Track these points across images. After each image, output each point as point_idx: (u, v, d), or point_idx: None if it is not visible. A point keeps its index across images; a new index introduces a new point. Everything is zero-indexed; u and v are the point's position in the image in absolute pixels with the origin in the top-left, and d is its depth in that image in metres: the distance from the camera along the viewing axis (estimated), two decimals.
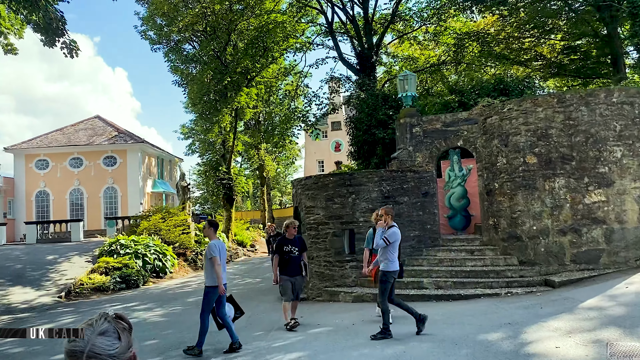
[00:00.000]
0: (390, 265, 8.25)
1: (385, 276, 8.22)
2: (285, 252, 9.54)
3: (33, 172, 35.83)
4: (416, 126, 12.97)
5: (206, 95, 23.71)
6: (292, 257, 9.53)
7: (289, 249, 9.55)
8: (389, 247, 8.25)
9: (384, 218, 8.44)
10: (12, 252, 23.31)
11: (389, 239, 8.23)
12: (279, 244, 9.64)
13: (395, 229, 8.38)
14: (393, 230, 8.33)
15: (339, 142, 41.77)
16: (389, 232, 8.30)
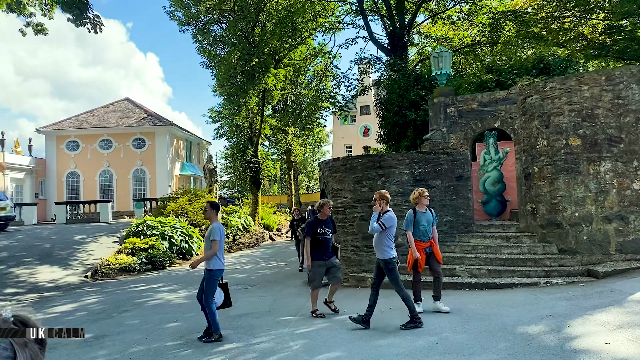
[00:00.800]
0: (389, 252, 7.88)
1: (390, 263, 7.83)
2: (319, 234, 8.92)
3: (64, 153, 36.26)
4: (451, 106, 12.32)
5: (233, 76, 23.34)
6: (326, 240, 8.97)
7: (322, 230, 8.94)
8: (386, 233, 7.83)
9: (378, 203, 7.98)
10: (42, 231, 23.58)
11: (385, 223, 7.79)
12: (313, 226, 8.98)
13: (391, 213, 7.89)
14: (389, 214, 7.85)
15: (368, 127, 41.05)
16: (385, 217, 7.84)
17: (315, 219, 9.07)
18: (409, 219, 8.56)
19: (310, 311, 9.02)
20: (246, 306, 10.61)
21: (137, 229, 20.59)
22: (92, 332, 9.05)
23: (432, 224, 8.71)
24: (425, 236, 8.60)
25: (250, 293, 12.35)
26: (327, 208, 8.98)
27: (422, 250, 8.60)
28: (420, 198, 8.57)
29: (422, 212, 8.59)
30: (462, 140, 12.27)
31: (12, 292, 14.32)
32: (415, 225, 8.52)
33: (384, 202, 7.94)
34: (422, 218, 8.55)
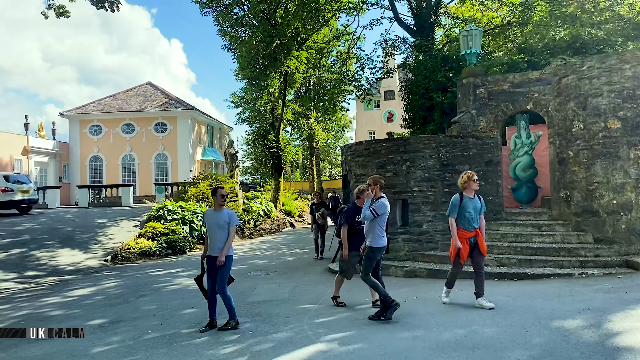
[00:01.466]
0: (377, 240, 7.45)
1: (373, 252, 7.47)
2: (357, 222, 8.17)
3: (87, 137, 36.47)
4: (480, 87, 11.71)
5: (255, 59, 22.90)
6: (363, 229, 8.06)
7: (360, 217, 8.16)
8: (377, 220, 7.41)
9: (372, 188, 7.55)
10: (64, 214, 23.68)
11: (377, 210, 7.35)
12: (351, 213, 8.26)
13: (384, 200, 7.49)
14: (381, 201, 7.44)
15: (392, 112, 40.29)
16: (377, 204, 7.41)
17: (354, 206, 8.34)
18: (454, 203, 7.77)
19: (332, 296, 8.62)
20: (265, 293, 10.30)
21: (157, 214, 20.48)
22: (108, 317, 8.86)
23: (480, 212, 7.90)
24: (470, 225, 7.78)
25: (270, 280, 12.04)
26: (368, 193, 8.16)
27: (466, 240, 7.79)
28: (469, 182, 7.76)
29: (470, 197, 7.79)
30: (492, 123, 11.67)
31: (32, 274, 14.30)
32: (460, 211, 7.74)
33: (377, 188, 7.52)
34: (468, 204, 7.75)
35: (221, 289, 7.58)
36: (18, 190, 22.59)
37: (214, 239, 7.56)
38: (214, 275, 7.67)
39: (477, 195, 7.92)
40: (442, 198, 11.30)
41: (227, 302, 7.66)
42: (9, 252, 16.10)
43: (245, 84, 38.44)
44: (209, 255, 7.63)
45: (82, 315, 9.07)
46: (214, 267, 7.62)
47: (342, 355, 5.92)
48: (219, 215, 7.68)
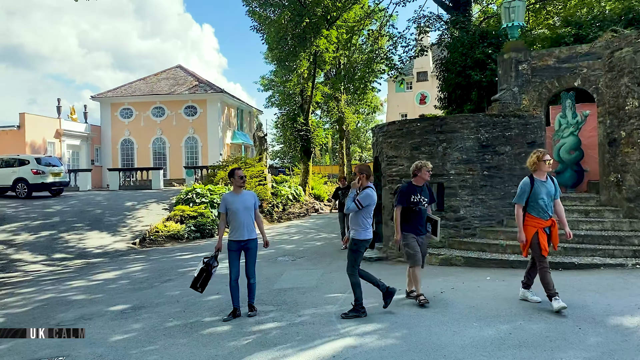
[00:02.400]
0: (362, 232, 6.82)
1: (357, 245, 6.85)
2: (413, 203, 7.28)
3: (118, 120, 36.66)
4: (523, 63, 10.89)
5: (284, 39, 22.30)
6: (421, 211, 7.34)
7: (417, 198, 7.30)
8: (362, 212, 6.79)
9: (358, 178, 6.89)
10: (94, 197, 23.77)
11: (362, 202, 6.70)
12: (406, 193, 7.34)
13: (369, 190, 6.83)
14: (367, 192, 6.80)
15: (425, 94, 39.17)
16: (363, 195, 6.78)
17: (409, 185, 7.44)
18: (523, 189, 6.66)
19: (414, 296, 7.38)
20: (292, 279, 9.88)
21: (186, 197, 20.32)
22: (131, 302, 8.58)
23: (555, 196, 6.73)
24: (545, 213, 6.62)
25: (298, 265, 11.61)
26: (425, 172, 7.32)
27: (542, 230, 6.64)
28: (540, 163, 6.61)
29: (542, 181, 6.64)
30: (535, 101, 10.86)
31: (60, 257, 14.25)
32: (532, 198, 6.60)
33: (364, 177, 6.87)
34: (541, 189, 6.59)
35: (253, 274, 7.36)
36: (49, 172, 22.72)
37: (242, 222, 7.22)
38: (239, 260, 7.30)
39: (550, 177, 6.77)
40: (481, 182, 10.60)
41: (254, 288, 7.32)
42: (38, 235, 16.13)
43: (275, 66, 37.99)
44: (236, 239, 7.25)
45: (104, 300, 8.82)
46: (240, 251, 7.27)
47: (374, 351, 5.41)
48: (243, 197, 7.32)
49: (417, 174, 7.36)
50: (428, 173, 7.39)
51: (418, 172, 7.35)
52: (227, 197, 7.39)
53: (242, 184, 7.36)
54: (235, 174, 7.35)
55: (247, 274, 7.30)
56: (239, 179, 7.30)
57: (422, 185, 7.42)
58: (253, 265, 7.34)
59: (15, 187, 22.39)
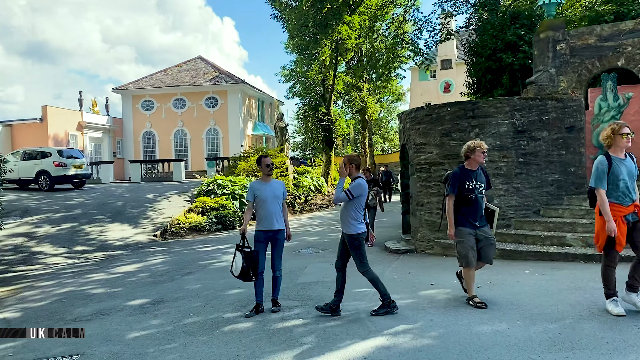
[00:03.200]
0: (357, 226, 6.26)
1: (357, 240, 6.28)
2: (467, 190, 6.25)
3: (139, 112, 36.63)
4: (561, 42, 10.21)
5: (305, 26, 21.76)
6: (477, 199, 6.31)
7: (472, 184, 6.27)
8: (353, 204, 6.23)
9: (347, 168, 6.33)
10: (116, 189, 23.69)
11: (353, 192, 6.14)
12: (458, 178, 6.31)
13: (360, 180, 6.25)
14: (358, 181, 6.23)
15: (449, 82, 38.25)
16: (353, 184, 6.21)
17: (462, 170, 6.37)
18: (600, 169, 5.52)
19: (466, 298, 6.53)
20: (317, 273, 9.44)
21: (207, 188, 20.06)
22: (150, 296, 8.27)
23: (635, 176, 5.61)
24: (626, 197, 5.52)
25: (322, 258, 11.18)
26: (480, 153, 6.28)
27: (622, 218, 5.53)
28: (616, 138, 5.50)
29: (621, 159, 5.55)
30: (574, 83, 10.19)
31: (81, 249, 14.08)
32: (610, 179, 5.50)
33: (352, 167, 6.33)
34: (620, 168, 5.50)
35: (280, 267, 7.00)
36: (71, 165, 22.68)
37: (271, 211, 6.85)
38: (265, 251, 6.92)
39: (629, 154, 5.67)
40: (516, 169, 10.00)
41: (280, 282, 6.95)
42: (60, 227, 16.02)
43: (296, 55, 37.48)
44: (264, 229, 6.86)
45: (123, 294, 8.52)
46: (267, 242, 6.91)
47: (409, 353, 4.94)
48: (272, 185, 6.97)
49: (470, 155, 6.31)
50: (483, 155, 6.33)
51: (471, 153, 6.30)
52: (256, 185, 7.02)
53: (269, 172, 6.99)
54: (262, 161, 7.00)
55: (273, 266, 6.91)
56: (265, 167, 6.94)
57: (476, 170, 6.38)
58: (280, 258, 6.97)
59: (37, 179, 22.40)
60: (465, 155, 6.41)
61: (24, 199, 19.64)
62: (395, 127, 64.19)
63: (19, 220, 16.43)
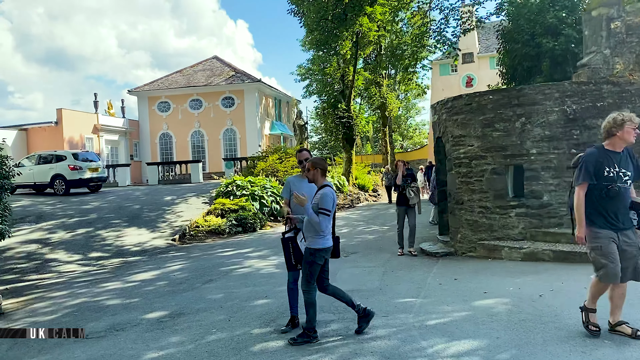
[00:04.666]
0: (319, 240, 5.31)
1: (313, 255, 5.34)
2: (608, 179, 4.66)
3: (156, 114, 36.12)
4: (616, 20, 9.21)
5: (324, 19, 20.91)
6: (621, 190, 4.70)
7: (615, 171, 4.67)
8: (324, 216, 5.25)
9: (312, 173, 5.40)
10: (133, 192, 23.07)
11: (324, 205, 5.20)
12: (594, 162, 4.71)
13: (327, 190, 5.31)
14: (324, 192, 5.29)
15: (471, 77, 37.11)
16: (323, 197, 5.26)
17: (600, 151, 4.77)
18: None
19: (613, 324, 4.93)
20: (350, 280, 8.57)
21: (226, 189, 19.31)
22: (169, 308, 7.48)
23: None
24: None
25: (353, 262, 10.32)
26: (629, 129, 4.64)
27: None
28: None
29: None
30: (631, 64, 9.18)
31: (96, 256, 13.38)
32: None
33: (318, 173, 5.39)
34: None
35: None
36: (87, 168, 22.10)
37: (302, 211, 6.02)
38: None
39: None
40: (568, 162, 8.98)
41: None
42: (75, 232, 15.36)
43: (312, 53, 36.64)
44: None
45: (140, 306, 7.75)
46: None
47: None
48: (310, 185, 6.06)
49: (616, 132, 4.66)
50: (634, 131, 4.65)
51: (617, 129, 4.65)
52: (293, 180, 6.17)
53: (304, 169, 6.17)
54: (297, 156, 6.23)
55: None
56: (299, 163, 6.14)
57: (621, 152, 4.74)
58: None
59: (52, 183, 21.86)
60: (608, 132, 4.74)
61: (38, 204, 19.09)
62: (414, 124, 63.08)
63: (33, 226, 15.83)
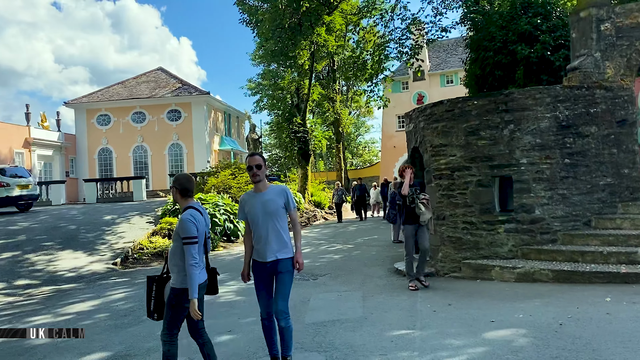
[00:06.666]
0: (184, 277, 4.20)
1: (177, 297, 4.23)
2: None
3: (95, 128, 33.73)
4: (605, 21, 8.66)
5: (280, 26, 19.89)
6: None
7: None
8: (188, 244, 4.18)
9: (173, 195, 4.46)
10: (68, 211, 20.99)
11: (183, 232, 4.16)
12: None
13: (188, 215, 4.24)
14: (182, 217, 4.24)
15: (422, 94, 37.05)
16: (183, 224, 4.19)
17: None
18: None
19: None
20: (326, 308, 7.44)
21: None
22: (112, 347, 6.12)
23: None
24: None
25: (324, 286, 9.19)
26: None
27: None
28: None
29: None
30: (622, 69, 8.63)
31: (23, 283, 11.58)
32: None
33: (177, 194, 4.40)
34: None
35: (286, 312, 4.73)
36: (15, 185, 19.90)
37: (264, 233, 4.77)
38: (270, 288, 4.83)
39: None
40: (562, 172, 8.30)
41: (290, 334, 4.79)
42: None
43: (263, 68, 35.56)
44: (259, 260, 4.84)
45: (75, 346, 6.31)
46: (268, 277, 4.82)
47: None
48: (264, 196, 4.80)
49: None
50: None
51: None
52: (246, 198, 4.95)
53: (255, 178, 4.80)
54: (247, 161, 4.88)
55: (275, 312, 4.73)
56: (248, 169, 4.82)
57: None
58: (284, 298, 4.74)
59: None
60: None
61: None
62: (364, 141, 62.99)
63: None
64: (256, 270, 4.86)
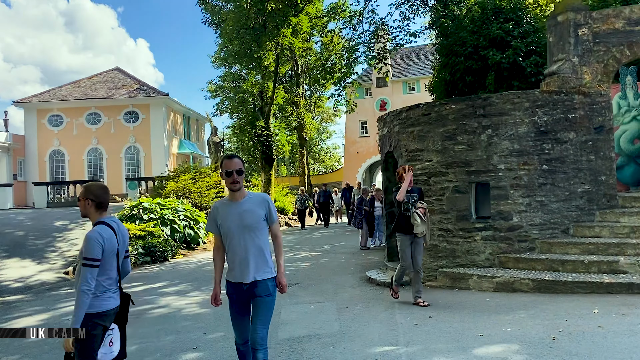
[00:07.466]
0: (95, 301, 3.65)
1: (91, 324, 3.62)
2: None
3: (46, 128, 32.03)
4: (583, 26, 8.55)
5: (245, 27, 19.32)
6: None
7: None
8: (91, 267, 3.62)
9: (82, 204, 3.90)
10: (15, 217, 19.73)
11: (85, 252, 3.62)
12: None
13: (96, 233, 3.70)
14: (88, 235, 3.71)
15: (385, 100, 37.03)
16: (86, 239, 3.66)
17: None
18: None
19: None
20: (300, 322, 6.97)
21: (130, 213, 16.88)
22: None
23: None
24: None
25: (295, 297, 8.70)
26: None
27: None
28: None
29: None
30: (599, 75, 8.53)
31: None
32: None
33: (89, 205, 3.85)
34: None
35: (264, 341, 4.10)
36: None
37: (239, 251, 4.11)
38: (246, 313, 4.23)
39: None
40: (540, 178, 8.12)
41: None
42: None
43: (225, 70, 34.79)
44: (233, 281, 4.17)
45: None
46: (244, 300, 4.17)
47: None
48: (240, 206, 4.14)
49: None
50: None
51: None
52: (218, 207, 4.27)
53: (233, 186, 4.12)
54: (225, 165, 4.16)
55: (252, 341, 4.08)
56: (226, 175, 4.11)
57: None
58: (264, 326, 4.11)
59: None
60: None
61: None
62: (326, 147, 62.74)
63: None
64: (230, 293, 4.21)
